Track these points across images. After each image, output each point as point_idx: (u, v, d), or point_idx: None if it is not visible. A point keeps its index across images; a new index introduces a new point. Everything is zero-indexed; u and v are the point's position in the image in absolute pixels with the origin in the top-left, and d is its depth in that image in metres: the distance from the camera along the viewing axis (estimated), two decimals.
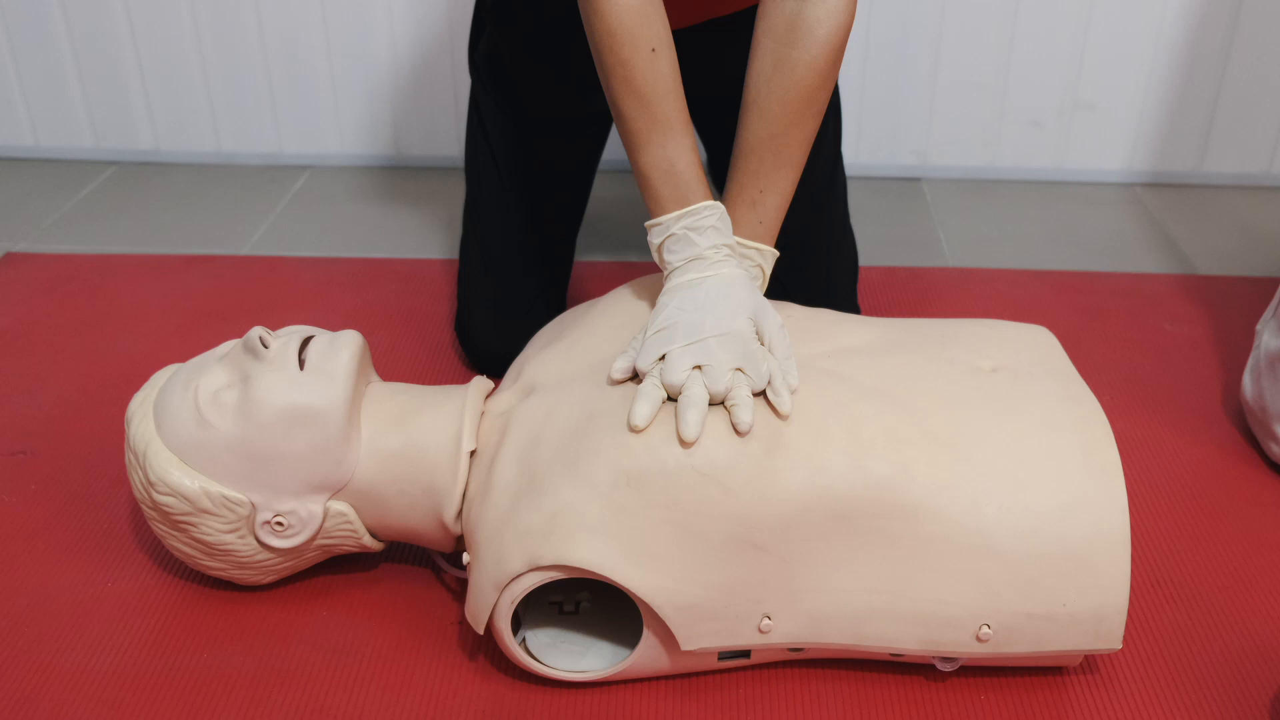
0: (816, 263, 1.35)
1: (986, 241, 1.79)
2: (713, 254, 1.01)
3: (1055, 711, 0.97)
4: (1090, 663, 1.01)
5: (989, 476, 0.93)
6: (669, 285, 1.01)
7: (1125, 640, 1.03)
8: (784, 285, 1.16)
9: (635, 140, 1.03)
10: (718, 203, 1.03)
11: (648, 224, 1.04)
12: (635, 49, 1.00)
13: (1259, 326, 1.30)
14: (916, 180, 2.01)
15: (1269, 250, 1.77)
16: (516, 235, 1.39)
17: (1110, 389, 1.40)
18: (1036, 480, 0.93)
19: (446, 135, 2.01)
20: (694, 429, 0.91)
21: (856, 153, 1.98)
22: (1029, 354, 1.06)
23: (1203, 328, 1.54)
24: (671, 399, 0.94)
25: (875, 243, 1.77)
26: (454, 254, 1.72)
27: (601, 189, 1.86)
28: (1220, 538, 1.16)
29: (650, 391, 0.94)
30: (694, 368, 0.94)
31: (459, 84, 1.95)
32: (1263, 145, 1.95)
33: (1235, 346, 1.49)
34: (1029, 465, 0.94)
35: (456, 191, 1.93)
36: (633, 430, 0.92)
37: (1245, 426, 1.33)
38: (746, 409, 0.92)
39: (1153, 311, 1.58)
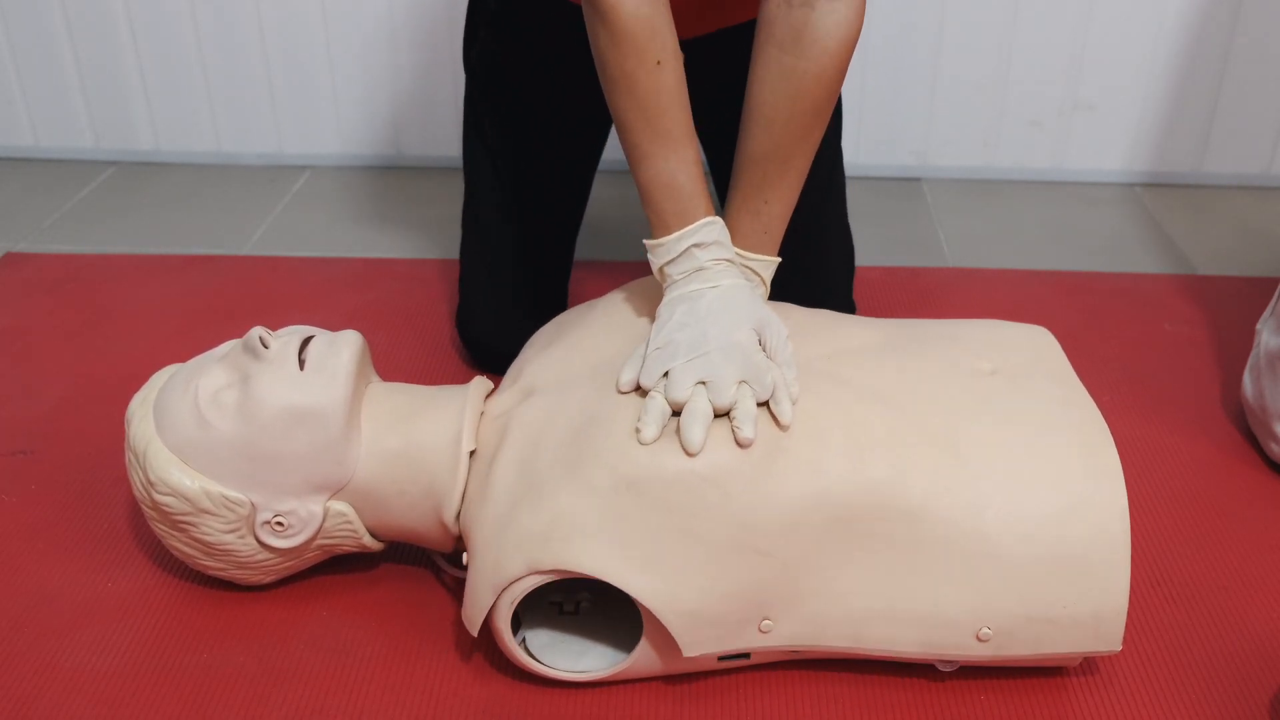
0: (813, 261, 1.35)
1: (986, 241, 1.79)
2: (714, 266, 1.00)
3: (1055, 712, 0.97)
4: (1090, 663, 1.01)
5: (988, 479, 0.93)
6: (670, 296, 1.01)
7: (1125, 641, 1.03)
8: (779, 283, 1.16)
9: (637, 153, 1.02)
10: (717, 218, 1.02)
11: (648, 243, 1.03)
12: (640, 61, 0.99)
13: (1259, 326, 1.30)
14: (916, 180, 2.01)
15: (1269, 250, 1.77)
16: (516, 235, 1.39)
17: (1110, 389, 1.40)
18: (1036, 483, 0.93)
19: (446, 135, 2.01)
20: (698, 444, 0.91)
21: (856, 153, 1.98)
22: (1028, 355, 1.06)
23: (1202, 328, 1.54)
24: (676, 413, 0.94)
25: (875, 243, 1.77)
26: (454, 254, 1.72)
27: (601, 189, 1.86)
28: (1220, 538, 1.16)
29: (656, 407, 0.93)
30: (698, 383, 0.93)
31: (459, 84, 1.95)
32: (1263, 145, 1.95)
33: (1235, 346, 1.49)
34: (1028, 468, 0.94)
35: (456, 191, 1.93)
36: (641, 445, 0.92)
37: (1245, 426, 1.33)
38: (749, 423, 0.91)
39: (1152, 311, 1.58)
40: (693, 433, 0.91)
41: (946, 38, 1.89)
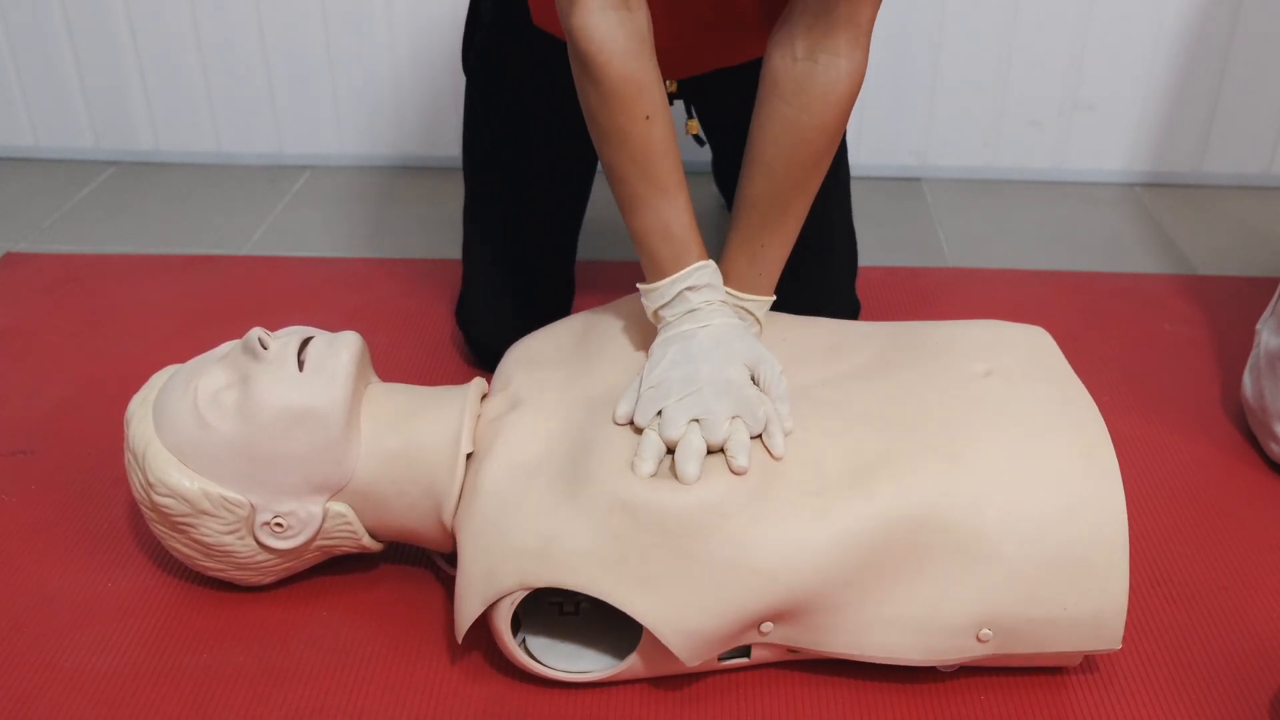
0: (817, 260, 1.35)
1: (986, 241, 1.79)
2: (706, 307, 1.02)
3: (1055, 712, 0.97)
4: (1090, 663, 1.01)
5: (987, 482, 0.93)
6: (663, 335, 1.02)
7: (1125, 640, 1.03)
8: (783, 282, 1.16)
9: (631, 202, 1.03)
10: (710, 262, 1.04)
11: (642, 287, 1.05)
12: (631, 117, 1.00)
13: (1259, 326, 1.30)
14: (916, 180, 2.01)
15: (1269, 250, 1.77)
16: (516, 235, 1.39)
17: (1109, 389, 1.40)
18: (1035, 484, 0.93)
19: (446, 135, 2.01)
20: (693, 478, 0.92)
21: (857, 153, 1.98)
22: (1025, 356, 1.06)
23: (1202, 328, 1.54)
24: (671, 451, 0.94)
25: (875, 243, 1.77)
26: (454, 254, 1.72)
27: (602, 189, 1.86)
28: (1220, 538, 1.16)
29: (651, 444, 0.94)
30: (691, 421, 0.94)
31: (459, 84, 1.95)
32: (1263, 145, 1.95)
33: (1235, 346, 1.49)
34: (1027, 470, 0.94)
35: (456, 191, 1.93)
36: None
37: (1245, 426, 1.33)
38: (743, 453, 0.92)
39: (1152, 311, 1.58)
40: (688, 468, 0.92)
41: (946, 38, 1.89)
